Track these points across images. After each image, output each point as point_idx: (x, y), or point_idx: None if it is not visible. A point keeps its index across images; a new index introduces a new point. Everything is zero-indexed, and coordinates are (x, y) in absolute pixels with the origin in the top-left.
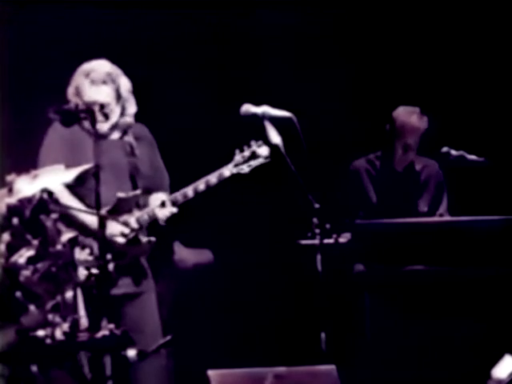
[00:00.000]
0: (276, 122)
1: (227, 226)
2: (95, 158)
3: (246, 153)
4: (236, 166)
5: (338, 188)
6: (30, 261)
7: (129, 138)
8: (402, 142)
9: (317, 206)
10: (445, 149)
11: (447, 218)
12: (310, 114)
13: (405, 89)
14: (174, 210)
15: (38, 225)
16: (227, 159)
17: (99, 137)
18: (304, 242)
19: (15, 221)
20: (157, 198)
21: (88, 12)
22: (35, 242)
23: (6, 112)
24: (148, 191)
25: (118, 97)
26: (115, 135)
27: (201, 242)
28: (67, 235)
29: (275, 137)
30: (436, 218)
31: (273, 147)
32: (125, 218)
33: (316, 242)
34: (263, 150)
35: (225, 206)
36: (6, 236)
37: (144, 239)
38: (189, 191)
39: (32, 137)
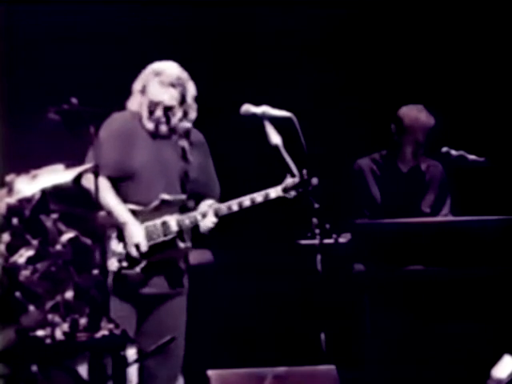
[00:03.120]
0: (276, 122)
1: (227, 226)
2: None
3: (297, 179)
4: (284, 190)
5: (343, 187)
6: (30, 261)
7: (183, 142)
8: (413, 140)
9: (317, 205)
10: (445, 149)
11: (447, 218)
12: (310, 114)
13: (405, 89)
14: (216, 221)
15: (38, 225)
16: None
17: (155, 136)
18: (304, 241)
19: (15, 221)
20: (206, 204)
21: (89, 13)
22: (35, 242)
23: (6, 112)
24: (197, 197)
25: (183, 101)
26: (172, 137)
27: (201, 242)
28: (67, 235)
29: (275, 137)
30: (436, 218)
31: (273, 147)
32: (167, 219)
33: (316, 242)
34: (314, 180)
35: None
36: (6, 236)
37: (181, 244)
38: (234, 205)
39: (32, 137)
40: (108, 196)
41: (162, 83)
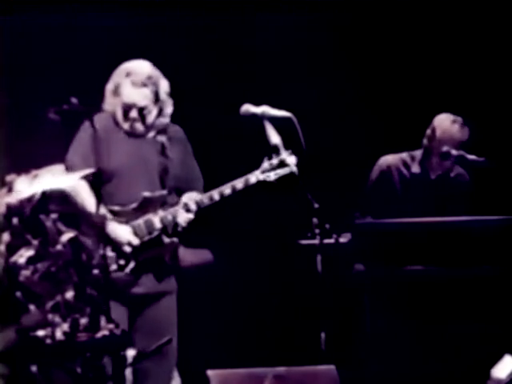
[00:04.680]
0: (275, 122)
1: (227, 226)
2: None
3: (274, 161)
4: (263, 172)
5: (366, 181)
6: (30, 261)
7: (161, 138)
8: (440, 150)
9: (317, 205)
10: (445, 149)
11: (447, 218)
12: (310, 114)
13: (406, 89)
14: (191, 216)
15: (38, 225)
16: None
17: (132, 135)
18: (304, 241)
19: (15, 221)
20: (187, 197)
21: (90, 14)
22: (35, 242)
23: (5, 112)
24: (178, 192)
25: (157, 99)
26: (149, 134)
27: (201, 242)
28: (67, 235)
29: (274, 137)
30: (436, 218)
31: (273, 147)
32: (149, 217)
33: (316, 242)
34: (292, 159)
35: (224, 205)
36: (6, 236)
37: (166, 239)
38: (215, 195)
39: (32, 137)
40: (86, 199)
41: (134, 83)
